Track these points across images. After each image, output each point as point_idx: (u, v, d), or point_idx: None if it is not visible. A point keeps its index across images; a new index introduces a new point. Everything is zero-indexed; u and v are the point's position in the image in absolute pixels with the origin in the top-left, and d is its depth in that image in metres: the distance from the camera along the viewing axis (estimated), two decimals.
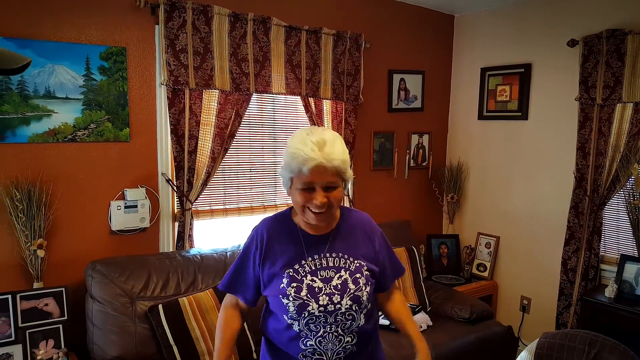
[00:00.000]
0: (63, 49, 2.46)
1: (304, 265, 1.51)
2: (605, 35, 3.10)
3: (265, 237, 1.56)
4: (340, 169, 1.43)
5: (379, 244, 1.62)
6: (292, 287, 1.48)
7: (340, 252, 1.54)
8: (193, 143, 2.81)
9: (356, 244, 1.57)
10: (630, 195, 3.11)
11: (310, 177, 1.41)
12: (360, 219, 1.63)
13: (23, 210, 2.35)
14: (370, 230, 1.62)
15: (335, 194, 1.45)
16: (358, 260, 1.54)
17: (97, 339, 2.33)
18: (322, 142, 1.41)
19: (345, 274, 1.51)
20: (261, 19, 2.95)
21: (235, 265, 1.62)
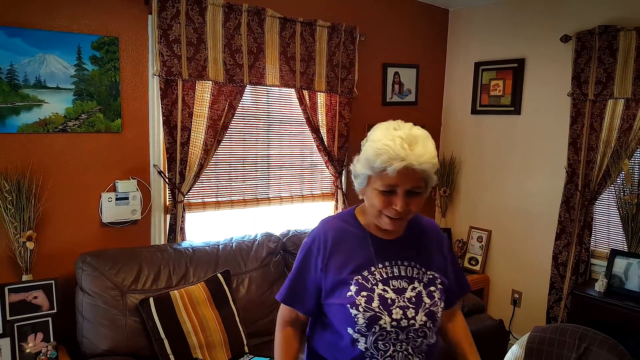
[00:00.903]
0: (54, 38, 2.42)
1: (374, 272, 1.34)
2: (597, 32, 3.11)
3: (329, 238, 1.39)
4: (429, 173, 1.26)
5: (448, 256, 1.46)
6: (362, 296, 1.31)
7: (413, 261, 1.38)
8: (185, 135, 2.78)
9: (428, 253, 1.42)
10: (621, 190, 3.14)
11: (394, 179, 1.24)
12: (429, 226, 1.47)
13: (12, 202, 2.32)
14: (440, 239, 1.47)
15: (418, 200, 1.29)
16: (432, 272, 1.38)
17: (87, 332, 2.30)
18: (413, 139, 1.25)
19: (419, 286, 1.35)
20: (255, 10, 2.92)
21: (293, 274, 1.44)
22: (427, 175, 1.27)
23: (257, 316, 2.70)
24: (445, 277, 1.41)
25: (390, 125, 1.29)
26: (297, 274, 1.42)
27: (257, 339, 2.66)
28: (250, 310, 2.67)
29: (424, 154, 1.24)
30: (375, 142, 1.26)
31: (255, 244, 2.88)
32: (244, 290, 2.71)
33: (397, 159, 1.22)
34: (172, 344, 2.26)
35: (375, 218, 1.33)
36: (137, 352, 2.32)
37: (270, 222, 3.40)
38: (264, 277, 2.80)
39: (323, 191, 3.62)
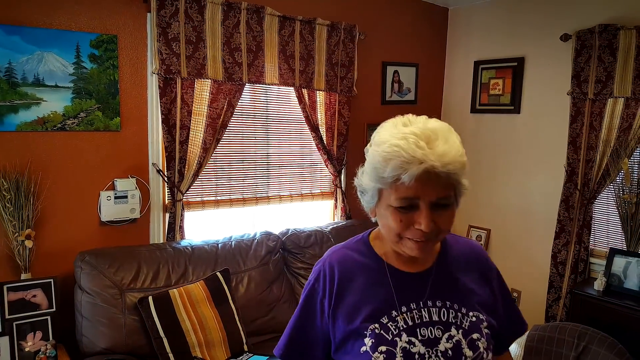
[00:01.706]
0: (53, 36, 2.41)
1: (395, 318, 1.03)
2: (597, 30, 3.10)
3: (336, 275, 1.08)
4: (457, 177, 0.96)
5: (498, 288, 1.14)
6: (381, 352, 1.00)
7: (449, 300, 1.06)
8: (184, 133, 2.78)
9: (469, 287, 1.09)
10: (620, 189, 3.14)
11: (413, 189, 0.94)
12: (470, 249, 1.14)
13: (11, 200, 2.31)
14: (486, 267, 1.14)
15: (447, 214, 0.99)
16: (474, 313, 1.06)
17: (86, 331, 2.30)
18: (431, 135, 0.95)
19: (457, 334, 1.03)
20: (255, 8, 2.92)
21: (293, 321, 1.14)
22: (456, 180, 0.96)
23: (256, 315, 2.70)
24: (494, 318, 1.09)
25: (399, 122, 1.01)
26: (299, 321, 1.12)
27: (256, 337, 2.66)
28: (250, 308, 2.67)
29: (448, 152, 0.94)
30: (382, 144, 0.97)
31: (255, 243, 2.88)
32: (243, 289, 2.71)
33: (414, 162, 0.92)
34: (171, 342, 2.25)
35: (395, 244, 1.02)
36: (136, 351, 2.32)
37: (269, 220, 3.40)
38: (263, 276, 2.80)
39: (322, 190, 3.62)
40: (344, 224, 3.37)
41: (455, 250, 1.13)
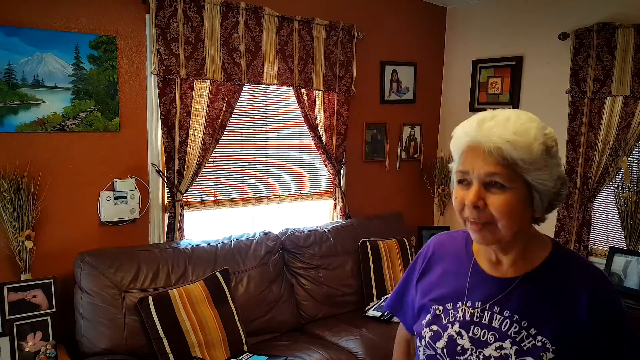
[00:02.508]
0: (52, 37, 2.42)
1: (457, 308, 1.07)
2: (596, 29, 3.11)
3: (429, 255, 1.19)
4: (507, 154, 0.93)
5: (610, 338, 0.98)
6: (431, 330, 1.08)
7: (519, 315, 1.00)
8: (184, 133, 2.78)
9: (550, 310, 0.99)
10: (619, 188, 3.14)
11: (465, 162, 0.98)
12: (582, 277, 1.01)
13: (11, 201, 2.32)
14: (596, 301, 0.98)
15: (502, 198, 0.94)
16: (542, 337, 0.97)
17: (86, 331, 2.30)
18: (492, 116, 0.97)
19: (509, 348, 0.98)
20: (253, 8, 2.92)
21: (399, 283, 1.27)
22: (508, 158, 0.93)
23: (256, 315, 2.70)
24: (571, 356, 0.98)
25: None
26: (402, 281, 1.25)
27: (256, 337, 2.67)
28: (249, 308, 2.67)
29: (494, 127, 0.94)
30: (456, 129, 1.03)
31: (254, 243, 2.88)
32: (242, 289, 2.71)
33: (463, 137, 0.98)
34: (171, 342, 2.26)
35: (466, 228, 1.02)
36: (136, 351, 2.32)
37: (268, 220, 3.40)
38: (262, 276, 2.80)
39: (321, 189, 3.62)
40: (344, 224, 3.37)
41: (561, 267, 1.03)
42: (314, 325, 2.91)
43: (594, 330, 0.97)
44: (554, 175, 0.97)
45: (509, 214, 0.95)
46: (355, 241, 3.22)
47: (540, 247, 1.05)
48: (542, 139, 0.95)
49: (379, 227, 3.45)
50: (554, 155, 0.98)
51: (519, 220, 0.97)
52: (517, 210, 0.96)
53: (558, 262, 1.03)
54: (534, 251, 1.04)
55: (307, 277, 3.02)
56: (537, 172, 0.95)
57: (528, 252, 1.04)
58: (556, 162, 0.99)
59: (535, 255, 1.04)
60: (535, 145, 0.94)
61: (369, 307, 3.04)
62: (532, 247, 1.04)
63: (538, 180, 0.95)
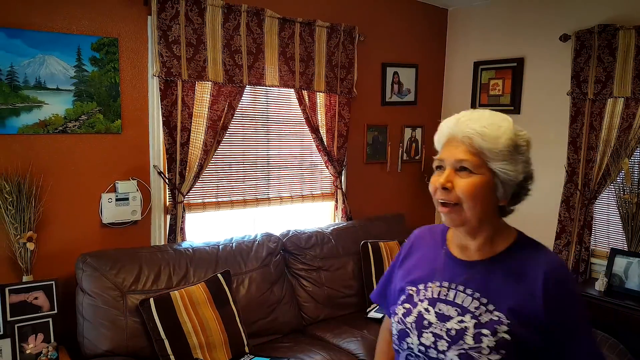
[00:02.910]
0: (54, 39, 2.42)
1: (428, 287, 1.19)
2: (597, 31, 3.11)
3: (411, 242, 1.33)
4: (476, 143, 1.07)
5: (562, 315, 1.07)
6: (404, 307, 1.20)
7: (479, 292, 1.12)
8: (185, 135, 2.79)
9: (508, 289, 1.10)
10: (621, 189, 3.14)
11: (443, 152, 1.13)
12: (540, 261, 1.11)
13: (12, 203, 2.32)
14: (552, 285, 1.07)
15: (467, 181, 1.07)
16: (499, 313, 1.08)
17: (88, 333, 2.30)
18: (469, 114, 1.12)
19: (469, 321, 1.09)
20: (255, 10, 2.93)
21: (385, 272, 1.38)
22: (476, 147, 1.07)
23: (258, 316, 2.70)
24: (531, 333, 1.06)
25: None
26: (387, 273, 1.37)
27: (258, 339, 2.67)
28: (251, 310, 2.67)
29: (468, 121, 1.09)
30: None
31: (255, 244, 2.88)
32: (244, 291, 2.71)
33: (443, 130, 1.14)
34: (172, 344, 2.26)
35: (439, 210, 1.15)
36: (138, 353, 2.32)
37: (270, 222, 3.40)
38: (264, 277, 2.80)
39: (323, 191, 3.62)
40: (345, 225, 3.37)
41: (522, 254, 1.14)
42: (316, 327, 2.91)
43: (547, 309, 1.06)
44: (518, 169, 1.10)
45: (472, 195, 1.08)
46: (356, 243, 3.21)
47: (506, 236, 1.17)
48: (510, 135, 1.09)
49: (380, 229, 3.45)
50: (521, 153, 1.11)
51: (481, 204, 1.09)
52: (480, 194, 1.08)
53: (520, 249, 1.15)
54: (499, 240, 1.16)
55: (309, 279, 3.02)
56: (502, 163, 1.08)
57: (494, 240, 1.16)
58: (523, 158, 1.12)
59: (500, 243, 1.16)
60: (502, 138, 1.08)
61: (371, 309, 3.04)
62: (498, 236, 1.16)
63: (502, 170, 1.08)
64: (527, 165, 1.13)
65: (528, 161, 1.14)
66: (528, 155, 1.14)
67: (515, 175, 1.10)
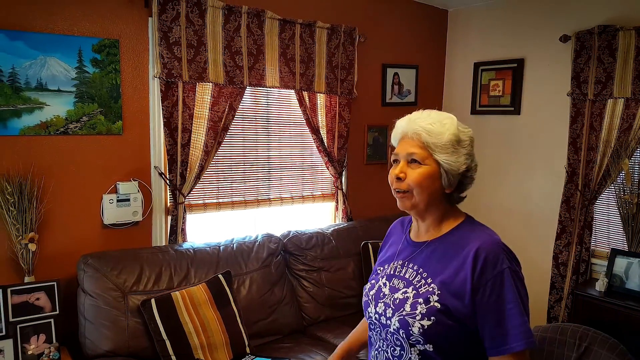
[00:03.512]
0: (55, 41, 2.43)
1: (390, 266, 1.38)
2: (597, 31, 3.11)
3: (389, 231, 1.54)
4: (424, 138, 1.25)
5: (486, 288, 1.18)
6: (370, 283, 1.41)
7: (422, 268, 1.29)
8: (186, 136, 2.79)
9: (446, 266, 1.24)
10: (621, 190, 3.14)
11: (398, 147, 1.30)
12: (475, 240, 1.23)
13: (14, 204, 2.33)
14: (480, 260, 1.19)
15: (417, 171, 1.25)
16: (433, 286, 1.23)
17: (89, 334, 2.31)
18: (419, 113, 1.31)
19: (410, 292, 1.26)
20: (255, 12, 2.93)
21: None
22: (424, 142, 1.25)
23: (259, 317, 2.71)
24: (459, 303, 1.19)
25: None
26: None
27: (259, 339, 2.67)
28: (252, 311, 2.68)
29: (417, 119, 1.28)
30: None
31: (256, 245, 2.89)
32: (245, 291, 2.72)
33: (399, 128, 1.31)
34: (174, 345, 2.27)
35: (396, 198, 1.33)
36: (139, 353, 2.33)
37: (271, 223, 3.41)
38: (264, 278, 2.81)
39: (323, 192, 3.63)
40: (345, 226, 3.38)
41: (461, 235, 1.29)
42: (316, 328, 2.91)
43: (473, 282, 1.18)
44: (460, 160, 1.26)
45: (419, 183, 1.25)
46: (357, 243, 3.22)
47: (453, 220, 1.33)
48: (453, 131, 1.26)
49: (381, 229, 3.41)
50: (464, 147, 1.28)
51: (428, 190, 1.26)
52: (427, 182, 1.26)
53: (462, 230, 1.30)
54: (446, 223, 1.32)
55: (309, 279, 3.02)
56: (445, 155, 1.25)
57: (441, 224, 1.32)
58: (465, 151, 1.27)
59: (447, 226, 1.32)
60: (445, 134, 1.25)
61: None
62: (446, 220, 1.32)
63: (445, 161, 1.25)
64: (469, 157, 1.29)
65: (470, 154, 1.29)
66: (470, 149, 1.30)
67: (458, 165, 1.26)
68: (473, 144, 1.31)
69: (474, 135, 1.32)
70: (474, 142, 1.32)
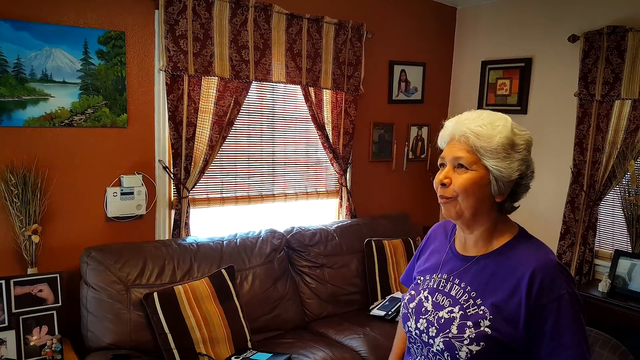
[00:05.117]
0: (61, 32, 2.42)
1: (432, 278, 1.29)
2: (606, 32, 3.09)
3: (428, 235, 1.45)
4: (472, 142, 1.14)
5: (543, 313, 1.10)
6: (410, 294, 1.33)
7: (471, 286, 1.19)
8: (191, 130, 2.78)
9: (496, 285, 1.16)
10: (626, 191, 3.13)
11: (444, 151, 1.21)
12: (531, 259, 1.15)
13: (18, 195, 2.33)
14: (535, 283, 1.11)
15: (463, 177, 1.15)
16: (484, 308, 1.15)
17: (92, 326, 2.31)
18: (469, 114, 1.20)
19: (457, 313, 1.17)
20: (262, 6, 2.92)
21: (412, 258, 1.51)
22: (472, 145, 1.14)
23: (261, 312, 2.71)
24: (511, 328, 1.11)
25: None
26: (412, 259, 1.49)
27: (261, 334, 2.67)
28: (254, 306, 2.68)
29: (465, 120, 1.17)
30: None
31: (260, 241, 2.89)
32: (247, 286, 2.72)
33: (444, 130, 1.23)
34: (175, 338, 2.27)
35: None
36: (141, 346, 2.33)
37: (274, 218, 3.40)
38: (267, 274, 2.81)
39: (327, 188, 3.62)
40: (349, 223, 3.37)
41: (514, 252, 1.19)
42: (318, 324, 2.91)
43: (528, 307, 1.10)
44: (513, 167, 1.15)
45: (465, 189, 1.15)
46: (360, 240, 3.22)
47: (505, 234, 1.22)
48: (506, 134, 1.15)
49: (385, 227, 3.45)
50: (519, 152, 1.16)
51: (474, 198, 1.16)
52: (473, 188, 1.16)
53: (515, 246, 1.20)
54: (497, 236, 1.22)
55: (312, 276, 3.02)
56: (495, 160, 1.14)
57: (492, 236, 1.22)
58: (520, 157, 1.16)
59: (498, 240, 1.22)
60: (497, 137, 1.14)
61: (373, 306, 3.04)
62: (497, 233, 1.22)
63: (495, 167, 1.14)
64: (523, 163, 1.17)
65: (526, 159, 1.18)
66: (526, 154, 1.18)
67: (509, 172, 1.15)
68: (530, 149, 1.19)
69: (531, 137, 1.20)
70: (531, 147, 1.20)
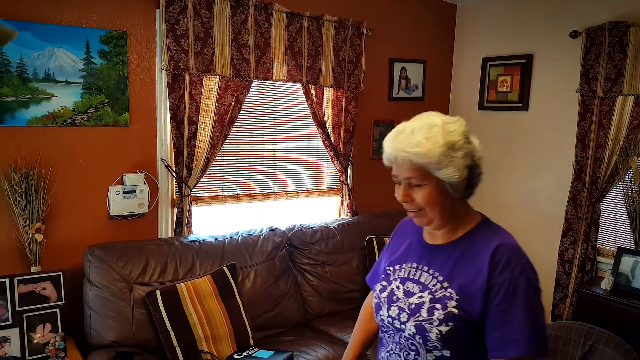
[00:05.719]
0: (63, 32, 2.43)
1: (402, 268, 1.35)
2: (607, 27, 3.08)
3: (397, 228, 1.50)
4: (415, 162, 1.18)
5: (502, 292, 1.17)
6: (381, 284, 1.37)
7: (439, 272, 1.26)
8: (193, 129, 2.80)
9: (462, 268, 1.23)
10: (629, 188, 3.12)
11: (393, 169, 1.26)
12: (494, 243, 1.22)
13: (21, 194, 2.34)
14: (497, 258, 1.19)
15: (422, 193, 1.21)
16: (451, 289, 1.22)
17: (95, 324, 2.33)
18: (401, 130, 1.22)
19: (426, 297, 1.24)
20: (262, 4, 2.92)
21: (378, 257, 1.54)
22: (417, 165, 1.18)
23: (263, 310, 2.72)
24: (474, 307, 1.18)
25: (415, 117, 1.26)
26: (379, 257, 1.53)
27: (263, 332, 2.68)
28: (256, 303, 2.69)
29: (402, 142, 1.19)
30: None
31: (261, 238, 2.90)
32: (249, 284, 2.73)
33: (386, 152, 1.26)
34: (178, 336, 2.28)
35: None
36: (144, 344, 2.34)
37: (276, 216, 3.41)
38: (269, 271, 2.82)
39: (328, 186, 3.63)
40: (350, 220, 3.38)
41: (478, 237, 1.26)
42: (320, 321, 2.92)
43: (488, 287, 1.17)
44: (459, 167, 1.19)
45: (429, 202, 1.22)
46: (361, 238, 3.22)
47: (468, 221, 1.30)
48: (442, 141, 1.17)
49: (386, 225, 3.44)
50: (458, 149, 1.19)
51: (440, 205, 1.23)
52: (436, 199, 1.22)
53: (478, 233, 1.27)
54: (462, 225, 1.29)
55: (314, 273, 3.03)
56: (443, 170, 1.18)
57: (458, 226, 1.29)
58: (462, 153, 1.19)
59: (462, 227, 1.29)
60: (436, 149, 1.17)
61: None
62: (462, 221, 1.29)
63: (445, 176, 1.19)
64: (468, 158, 1.21)
65: (468, 152, 1.21)
66: (466, 146, 1.21)
67: (459, 174, 1.19)
68: (468, 137, 1.22)
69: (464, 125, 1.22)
70: (469, 134, 1.23)
